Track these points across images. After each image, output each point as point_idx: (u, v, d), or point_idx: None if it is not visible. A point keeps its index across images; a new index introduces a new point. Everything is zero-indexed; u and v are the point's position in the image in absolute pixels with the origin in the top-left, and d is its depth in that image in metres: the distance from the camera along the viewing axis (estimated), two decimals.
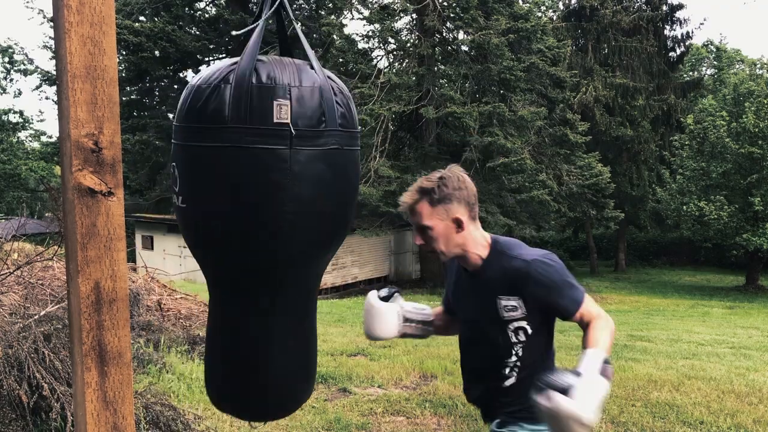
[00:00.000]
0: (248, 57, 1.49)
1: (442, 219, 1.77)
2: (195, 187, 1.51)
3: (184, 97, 1.53)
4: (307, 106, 1.49)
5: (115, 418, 1.14)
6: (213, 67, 1.57)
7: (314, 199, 1.55)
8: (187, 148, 1.50)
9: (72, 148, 1.07)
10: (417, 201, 1.79)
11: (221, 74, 1.48)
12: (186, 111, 1.50)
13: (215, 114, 1.43)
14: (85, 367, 1.10)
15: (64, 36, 1.05)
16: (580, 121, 21.48)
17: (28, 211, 15.10)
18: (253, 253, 1.55)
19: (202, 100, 1.46)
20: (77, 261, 1.09)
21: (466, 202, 1.79)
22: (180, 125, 1.52)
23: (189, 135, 1.49)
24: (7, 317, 3.21)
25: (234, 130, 1.42)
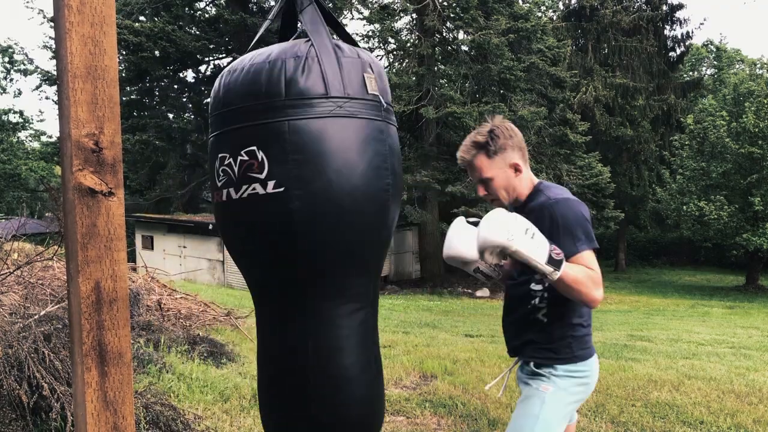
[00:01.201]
0: (324, 34, 1.43)
1: (501, 168, 1.90)
2: (299, 165, 1.35)
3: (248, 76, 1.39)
4: (384, 81, 1.54)
5: (115, 418, 1.14)
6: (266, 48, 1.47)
7: (400, 179, 1.61)
8: (284, 124, 1.35)
9: (72, 148, 1.07)
10: (474, 155, 1.93)
11: (294, 49, 1.40)
12: (264, 87, 1.37)
13: (307, 85, 1.37)
14: (86, 367, 1.10)
15: (64, 36, 1.05)
16: (580, 121, 21.49)
17: (28, 211, 15.10)
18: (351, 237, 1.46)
19: (286, 72, 1.36)
20: (77, 261, 1.09)
21: (519, 147, 1.92)
22: (257, 104, 1.36)
23: (279, 110, 1.36)
24: (7, 317, 3.21)
25: (337, 101, 1.38)
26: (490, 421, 3.90)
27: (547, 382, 1.90)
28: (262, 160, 1.36)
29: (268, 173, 1.36)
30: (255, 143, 1.37)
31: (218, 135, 1.45)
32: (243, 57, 1.50)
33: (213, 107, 1.50)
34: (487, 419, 3.93)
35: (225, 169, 1.40)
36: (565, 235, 1.78)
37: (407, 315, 11.76)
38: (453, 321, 10.76)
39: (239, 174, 1.38)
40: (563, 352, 1.90)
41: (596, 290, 1.72)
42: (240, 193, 1.38)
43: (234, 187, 1.39)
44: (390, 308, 13.43)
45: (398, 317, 10.84)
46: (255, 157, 1.36)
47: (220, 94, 1.47)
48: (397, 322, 9.54)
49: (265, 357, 1.59)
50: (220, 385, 4.17)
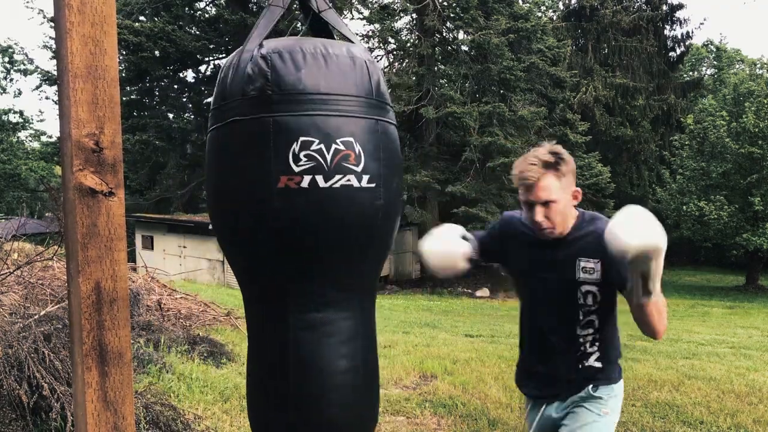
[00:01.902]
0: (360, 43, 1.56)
1: (565, 192, 1.79)
2: (384, 163, 1.44)
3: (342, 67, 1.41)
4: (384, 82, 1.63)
5: (115, 418, 1.14)
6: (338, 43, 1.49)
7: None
8: (372, 123, 1.42)
9: (73, 148, 1.07)
10: (543, 175, 1.76)
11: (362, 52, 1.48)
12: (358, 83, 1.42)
13: (383, 90, 1.47)
14: (86, 367, 1.10)
15: (65, 36, 1.05)
16: (580, 121, 21.50)
17: (28, 211, 15.11)
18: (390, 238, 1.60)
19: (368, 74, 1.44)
20: (78, 261, 1.09)
21: (574, 175, 1.84)
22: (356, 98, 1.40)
23: (373, 109, 1.44)
24: (7, 317, 3.21)
25: (390, 108, 1.52)
26: (490, 421, 3.90)
27: (605, 405, 1.87)
28: (359, 153, 1.37)
29: (364, 167, 1.38)
30: (353, 135, 1.37)
31: (300, 116, 1.36)
32: (296, 40, 1.44)
33: (286, 83, 1.38)
34: (487, 419, 3.93)
35: (311, 155, 1.34)
36: None
37: (407, 315, 11.76)
38: (453, 321, 10.76)
39: (333, 163, 1.35)
40: (616, 374, 1.92)
41: (665, 322, 1.66)
42: (331, 181, 1.35)
43: (324, 175, 1.35)
44: (390, 308, 13.43)
45: (398, 317, 10.84)
46: (352, 148, 1.36)
47: (292, 76, 1.37)
48: (397, 322, 9.54)
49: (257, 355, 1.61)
50: (220, 385, 4.17)
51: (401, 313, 12.01)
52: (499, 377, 4.99)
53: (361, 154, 1.37)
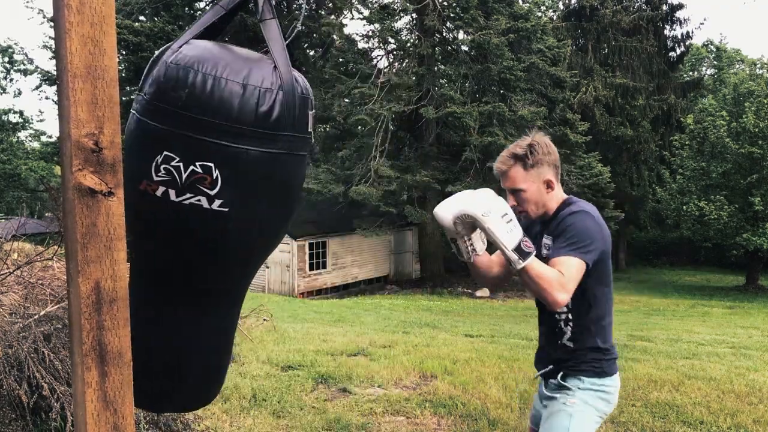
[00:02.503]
0: (287, 64, 1.49)
1: (534, 181, 1.96)
2: (246, 191, 1.44)
3: (222, 93, 1.41)
4: (314, 117, 1.60)
5: (115, 418, 1.14)
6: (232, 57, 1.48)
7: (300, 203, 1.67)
8: (242, 152, 1.42)
9: (72, 148, 1.07)
10: (511, 166, 1.98)
11: (264, 78, 1.45)
12: (235, 110, 1.41)
13: (275, 120, 1.44)
14: (85, 367, 1.10)
15: (64, 36, 1.05)
16: (580, 121, 21.51)
17: (28, 211, 15.11)
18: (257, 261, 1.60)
19: (259, 104, 1.42)
20: (77, 261, 1.09)
21: (554, 165, 1.99)
22: (230, 125, 1.41)
23: (244, 138, 1.42)
24: (7, 317, 3.21)
25: (288, 138, 1.47)
26: (490, 421, 3.90)
27: (572, 396, 1.96)
28: (216, 178, 1.41)
29: (218, 192, 1.42)
30: (213, 161, 1.41)
31: (167, 131, 1.43)
32: (205, 53, 1.46)
33: (164, 97, 1.44)
34: (487, 419, 3.93)
35: (168, 169, 1.41)
36: (562, 237, 1.86)
37: (407, 315, 11.76)
38: (453, 321, 10.76)
39: (186, 181, 1.41)
40: (590, 367, 1.99)
41: (558, 292, 1.75)
42: (182, 198, 1.42)
43: (176, 191, 1.41)
44: (390, 308, 13.44)
45: (398, 317, 10.84)
46: (209, 173, 1.41)
47: (178, 91, 1.43)
48: (397, 322, 9.54)
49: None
50: None
51: (401, 313, 12.02)
52: (499, 377, 4.99)
53: (218, 179, 1.41)
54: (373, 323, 9.25)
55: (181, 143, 1.41)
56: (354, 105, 19.60)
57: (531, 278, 1.75)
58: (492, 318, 12.22)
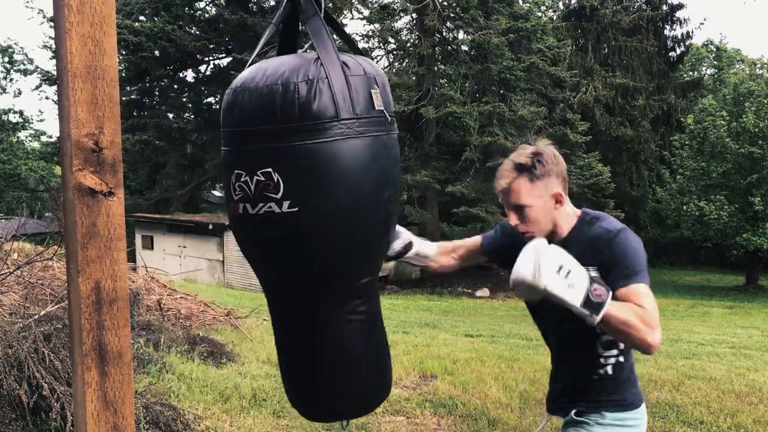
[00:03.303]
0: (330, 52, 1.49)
1: (541, 196, 1.68)
2: (311, 186, 1.44)
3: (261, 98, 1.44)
4: (387, 93, 1.60)
5: (115, 418, 1.14)
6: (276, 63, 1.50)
7: (399, 183, 1.67)
8: (294, 149, 1.42)
9: (72, 148, 1.07)
10: (515, 179, 1.69)
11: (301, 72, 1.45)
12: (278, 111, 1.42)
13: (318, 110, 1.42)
14: (85, 367, 1.10)
15: (64, 36, 1.05)
16: (580, 121, 21.51)
17: (28, 211, 15.09)
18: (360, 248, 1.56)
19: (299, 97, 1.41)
20: (77, 261, 1.09)
21: (562, 177, 1.72)
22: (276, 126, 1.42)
23: (292, 134, 1.42)
24: (7, 317, 3.21)
25: (346, 123, 1.45)
26: (490, 421, 3.90)
27: (587, 429, 1.73)
28: (278, 181, 1.44)
29: (283, 194, 1.44)
30: (270, 165, 1.44)
31: (232, 152, 1.52)
32: (252, 70, 1.52)
33: (225, 122, 1.54)
34: (487, 419, 3.93)
35: (241, 185, 1.48)
36: (623, 266, 1.59)
37: (407, 315, 11.76)
38: (453, 321, 10.76)
39: (255, 192, 1.46)
40: (614, 397, 1.74)
41: (651, 333, 1.48)
42: (256, 209, 1.47)
43: (251, 204, 1.47)
44: (390, 308, 13.43)
45: (398, 317, 10.84)
46: (271, 178, 1.44)
47: (233, 112, 1.50)
48: (397, 322, 9.53)
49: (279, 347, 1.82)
50: (220, 385, 4.17)
51: (401, 313, 12.01)
52: (499, 377, 4.99)
53: (279, 182, 1.44)
54: None
55: (244, 157, 1.48)
56: None
57: (614, 327, 1.50)
58: (492, 318, 12.22)
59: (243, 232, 1.58)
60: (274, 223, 1.46)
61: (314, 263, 1.54)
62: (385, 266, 16.91)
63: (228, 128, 1.53)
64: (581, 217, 1.74)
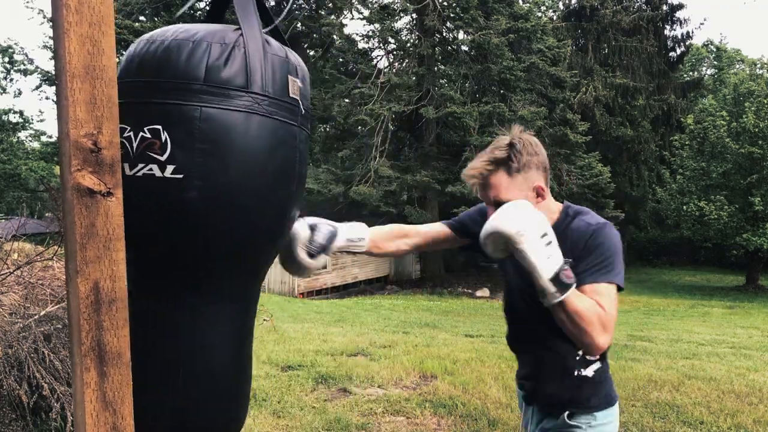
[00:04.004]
0: (256, 25, 1.39)
1: (522, 190, 1.59)
2: (203, 155, 1.29)
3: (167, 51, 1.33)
4: (306, 87, 1.48)
5: (114, 418, 1.14)
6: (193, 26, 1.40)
7: (303, 182, 1.50)
8: (192, 110, 1.29)
9: (71, 148, 1.07)
10: (491, 172, 1.59)
11: (218, 36, 1.35)
12: (182, 66, 1.30)
13: (231, 76, 1.32)
14: (85, 367, 1.10)
15: (63, 36, 1.05)
16: (580, 121, 21.51)
17: (28, 211, 15.09)
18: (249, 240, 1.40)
19: (209, 57, 1.31)
20: (76, 261, 1.09)
21: (543, 167, 1.62)
22: (176, 82, 1.30)
23: (194, 94, 1.29)
24: (7, 317, 3.21)
25: (256, 98, 1.33)
26: (490, 421, 3.90)
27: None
28: (165, 141, 1.29)
29: (169, 156, 1.29)
30: (160, 122, 1.30)
31: (122, 104, 1.32)
32: (165, 29, 1.41)
33: (122, 73, 1.39)
34: (487, 419, 3.93)
35: (122, 142, 1.30)
36: (596, 260, 1.53)
37: (407, 315, 11.76)
38: (453, 321, 10.76)
39: (137, 150, 1.30)
40: (601, 396, 1.68)
41: (601, 334, 1.44)
42: (134, 170, 1.30)
43: (129, 163, 1.30)
44: (390, 308, 13.43)
45: (398, 317, 10.84)
46: (158, 136, 1.29)
47: (131, 62, 1.37)
48: (397, 322, 9.54)
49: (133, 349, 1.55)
50: None
51: (401, 313, 12.01)
52: (499, 377, 4.99)
53: (167, 142, 1.29)
54: (373, 323, 9.25)
55: (131, 111, 1.32)
56: (354, 105, 19.60)
57: (568, 315, 1.44)
58: (492, 318, 12.21)
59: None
60: (154, 188, 1.30)
61: (189, 244, 1.35)
62: (384, 266, 16.93)
63: (121, 79, 1.35)
64: (563, 210, 1.68)
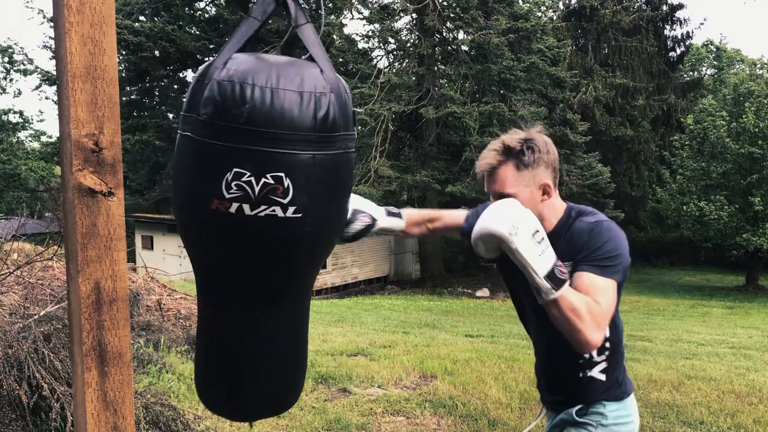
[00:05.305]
0: (329, 66, 1.54)
1: (528, 186, 1.58)
2: (315, 195, 1.49)
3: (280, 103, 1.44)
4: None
5: (115, 418, 1.14)
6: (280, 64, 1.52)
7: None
8: (308, 158, 1.47)
9: (72, 148, 1.07)
10: (501, 162, 1.58)
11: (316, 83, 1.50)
12: (298, 120, 1.45)
13: (332, 122, 1.48)
14: (85, 367, 1.10)
15: (64, 36, 1.05)
16: (580, 121, 21.50)
17: (28, 211, 15.08)
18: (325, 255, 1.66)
19: (317, 108, 1.47)
20: (77, 261, 1.09)
21: (552, 167, 1.61)
22: (294, 134, 1.45)
23: (308, 144, 1.47)
24: (7, 317, 3.21)
25: (344, 138, 1.52)
26: (490, 421, 3.90)
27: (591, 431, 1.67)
28: (288, 186, 1.45)
29: (291, 200, 1.46)
30: (283, 170, 1.45)
31: (234, 148, 1.47)
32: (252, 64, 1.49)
33: (224, 115, 1.46)
34: (487, 419, 3.93)
35: (241, 185, 1.44)
36: (597, 253, 1.51)
37: (407, 315, 11.76)
38: (453, 321, 10.76)
39: (260, 194, 1.45)
40: (612, 391, 1.70)
41: (594, 331, 1.41)
42: (257, 211, 1.45)
43: (250, 205, 1.45)
44: (390, 308, 13.43)
45: (398, 317, 10.84)
46: (281, 183, 1.44)
47: (240, 108, 1.44)
48: (397, 322, 9.53)
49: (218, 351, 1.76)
50: None
51: (401, 314, 12.01)
52: (499, 377, 4.99)
53: (289, 188, 1.45)
54: (373, 323, 9.25)
55: (251, 158, 1.44)
56: (354, 105, 19.58)
57: (562, 312, 1.41)
58: (492, 318, 12.21)
59: (228, 230, 1.53)
60: (274, 226, 1.48)
61: (293, 267, 1.60)
62: (384, 266, 16.92)
63: (230, 123, 1.46)
64: (567, 210, 1.66)
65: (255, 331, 1.69)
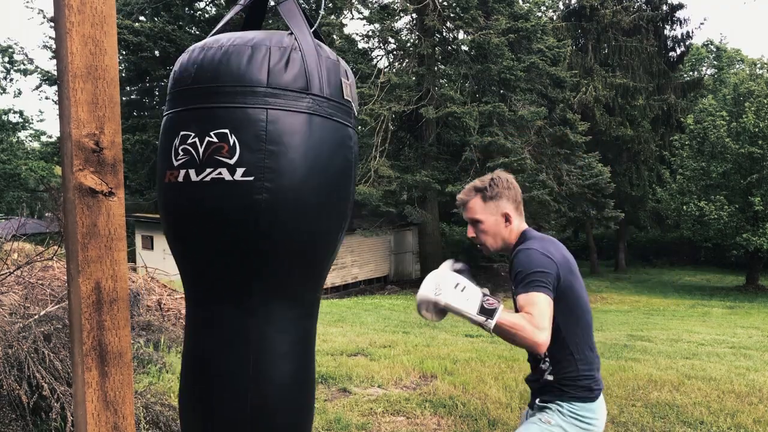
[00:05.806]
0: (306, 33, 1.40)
1: (493, 214, 2.00)
2: (271, 156, 1.31)
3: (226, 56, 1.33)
4: (354, 91, 1.53)
5: (115, 418, 1.14)
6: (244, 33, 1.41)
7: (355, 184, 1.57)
8: (258, 113, 1.30)
9: (73, 148, 1.07)
10: (471, 197, 2.03)
11: (275, 40, 1.36)
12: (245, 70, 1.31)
13: (294, 78, 1.33)
14: (86, 366, 1.10)
15: (65, 36, 1.05)
16: (580, 121, 21.48)
17: (28, 211, 15.08)
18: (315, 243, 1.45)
19: (270, 61, 1.32)
20: (78, 261, 1.09)
21: (514, 200, 2.02)
22: (240, 86, 1.31)
23: (258, 97, 1.31)
24: (7, 317, 3.21)
25: (316, 99, 1.36)
26: (490, 421, 3.90)
27: (549, 414, 1.92)
28: (234, 144, 1.31)
29: (238, 159, 1.31)
30: (228, 126, 1.31)
31: (182, 111, 1.37)
32: (217, 37, 1.43)
33: (177, 82, 1.40)
34: (487, 419, 3.93)
35: (187, 149, 1.33)
36: (516, 278, 1.85)
37: (407, 315, 11.75)
38: (453, 321, 10.75)
39: (204, 156, 1.32)
40: (571, 392, 1.93)
41: (537, 332, 1.67)
42: (202, 175, 1.32)
43: (196, 169, 1.32)
44: (390, 308, 13.42)
45: (398, 317, 10.83)
46: (226, 140, 1.30)
47: (190, 70, 1.37)
48: (397, 322, 9.53)
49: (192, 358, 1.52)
50: None
51: (401, 313, 12.01)
52: (499, 377, 4.99)
53: (236, 145, 1.30)
54: (373, 323, 9.25)
55: (195, 117, 1.34)
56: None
57: (506, 331, 1.69)
58: None
59: (179, 202, 1.38)
60: (223, 192, 1.31)
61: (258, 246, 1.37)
62: (384, 266, 16.93)
63: (178, 88, 1.38)
64: (519, 238, 2.01)
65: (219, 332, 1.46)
